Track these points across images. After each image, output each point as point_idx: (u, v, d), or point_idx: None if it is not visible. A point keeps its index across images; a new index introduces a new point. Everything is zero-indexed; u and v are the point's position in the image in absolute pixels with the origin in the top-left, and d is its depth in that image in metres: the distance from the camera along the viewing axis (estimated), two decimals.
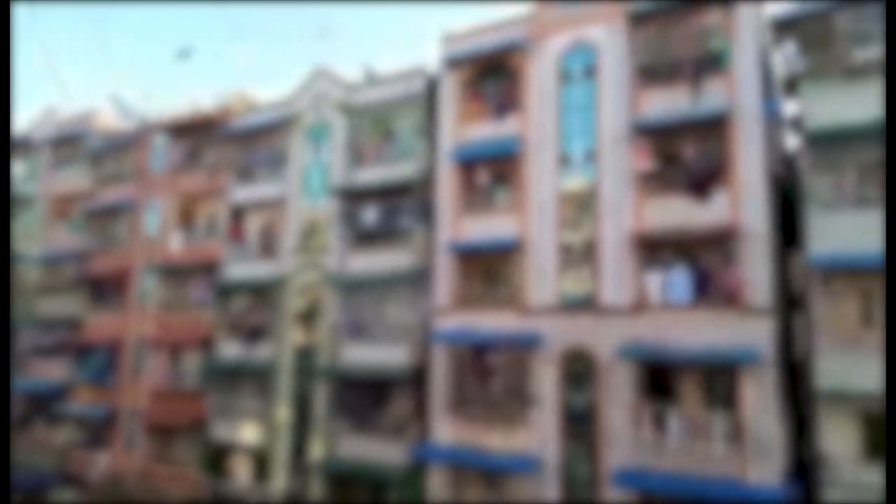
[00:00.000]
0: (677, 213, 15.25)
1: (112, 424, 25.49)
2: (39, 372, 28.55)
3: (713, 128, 15.31)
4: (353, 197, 20.49)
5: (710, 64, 15.54)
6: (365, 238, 20.19)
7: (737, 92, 15.14)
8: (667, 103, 15.83)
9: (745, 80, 15.13)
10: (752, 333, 14.01)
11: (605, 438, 15.30)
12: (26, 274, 30.48)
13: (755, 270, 14.27)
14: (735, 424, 13.94)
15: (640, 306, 15.41)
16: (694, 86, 15.53)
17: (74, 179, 29.97)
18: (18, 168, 33.66)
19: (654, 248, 15.65)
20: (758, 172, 14.62)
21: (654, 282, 15.41)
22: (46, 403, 27.75)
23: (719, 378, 14.51)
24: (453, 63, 19.08)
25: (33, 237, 30.72)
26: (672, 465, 14.32)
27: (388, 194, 19.84)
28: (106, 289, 27.37)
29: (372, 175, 20.27)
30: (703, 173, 14.92)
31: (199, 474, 22.21)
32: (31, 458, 27.38)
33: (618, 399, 15.26)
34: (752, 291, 14.21)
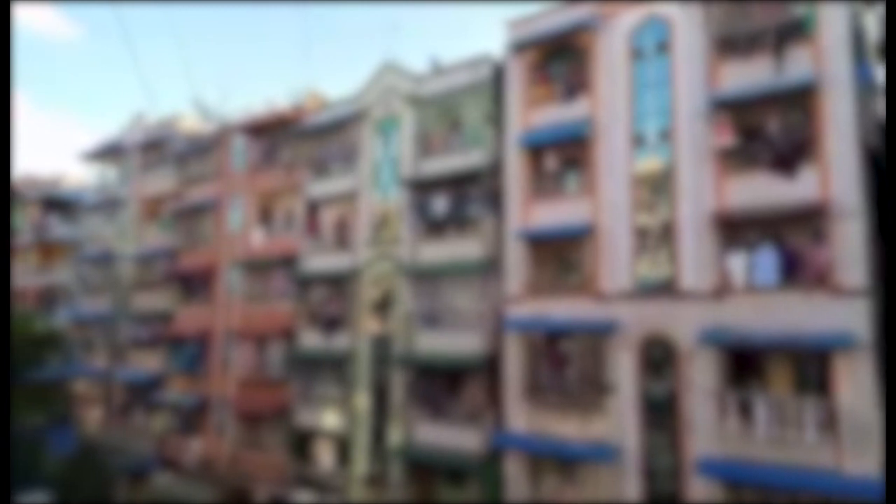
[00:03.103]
0: (761, 190, 14.48)
1: (204, 412, 26.96)
2: (137, 363, 30.57)
3: (799, 99, 14.42)
4: (422, 187, 20.67)
5: (793, 31, 14.62)
6: (435, 228, 20.34)
7: (824, 59, 14.18)
8: (747, 76, 15.03)
9: (834, 46, 14.13)
10: (847, 316, 13.15)
11: (687, 427, 14.81)
12: (122, 271, 32.65)
13: (848, 249, 13.37)
14: (829, 412, 13.16)
15: (722, 290, 14.78)
16: (776, 55, 14.66)
17: (162, 181, 31.76)
18: (111, 172, 36.04)
19: (736, 229, 14.96)
20: (849, 144, 13.67)
21: (738, 264, 14.73)
22: (144, 392, 29.69)
23: (811, 363, 13.74)
24: (519, 47, 18.83)
25: (127, 237, 32.82)
26: (760, 454, 13.70)
27: (457, 183, 19.88)
28: (194, 284, 28.90)
29: (440, 165, 20.36)
30: (788, 147, 14.11)
31: (285, 459, 23.17)
32: (132, 443, 29.41)
33: (700, 386, 14.72)
34: (845, 272, 13.33)
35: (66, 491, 27.74)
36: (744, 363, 14.63)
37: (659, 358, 15.61)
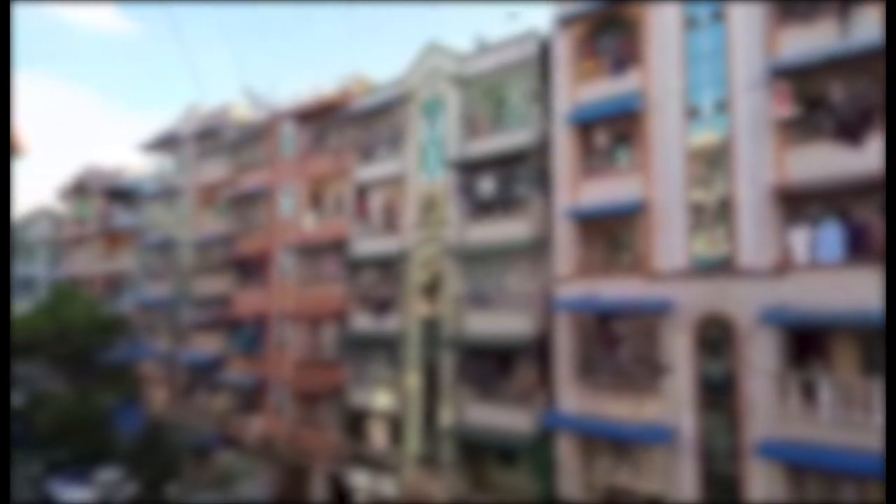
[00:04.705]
0: (825, 161, 13.76)
1: (262, 391, 27.83)
2: (198, 345, 31.74)
3: (865, 64, 13.56)
4: (469, 168, 20.53)
5: None
6: (483, 209, 20.20)
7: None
8: (809, 41, 14.22)
9: None
10: None
11: (746, 409, 14.36)
12: (182, 257, 33.83)
13: None
14: None
15: (783, 267, 14.18)
16: (841, 18, 13.81)
17: (216, 169, 32.62)
18: (169, 162, 37.25)
19: (798, 203, 14.29)
20: None
21: (800, 239, 14.10)
22: (206, 373, 30.85)
23: (878, 342, 13.07)
24: (566, 21, 18.35)
25: (186, 224, 33.94)
26: (825, 437, 13.18)
27: (504, 163, 19.65)
28: (250, 268, 29.72)
29: (487, 145, 20.15)
30: (855, 116, 13.33)
31: (341, 437, 23.72)
32: (196, 422, 30.65)
33: (760, 367, 14.23)
34: None
35: (135, 467, 29.19)
36: (806, 343, 14.06)
37: (716, 338, 15.16)
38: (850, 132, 13.42)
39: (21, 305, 45.65)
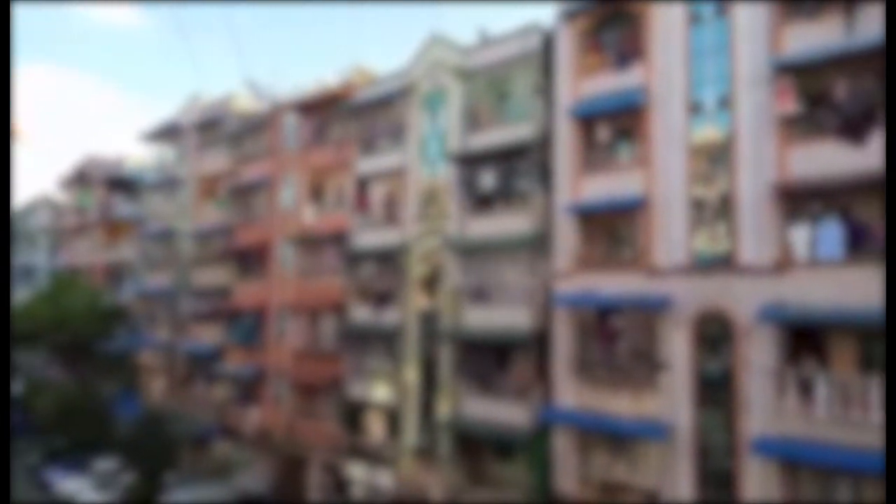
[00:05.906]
0: (827, 159, 13.71)
1: (261, 382, 27.86)
2: (198, 335, 31.77)
3: (870, 61, 13.47)
4: (470, 162, 20.47)
5: None
6: (483, 202, 20.17)
7: None
8: (813, 37, 14.14)
9: None
10: None
11: (743, 405, 14.36)
12: (182, 248, 33.82)
13: None
14: None
15: (784, 264, 14.16)
16: (847, 15, 13.73)
17: (217, 160, 32.57)
18: (170, 153, 37.20)
19: (799, 200, 14.24)
20: None
21: (801, 237, 14.06)
22: (205, 363, 30.89)
23: (877, 341, 13.05)
24: (570, 15, 18.27)
25: (186, 214, 33.91)
26: (821, 434, 13.18)
27: (506, 157, 19.59)
28: (250, 259, 29.71)
29: (488, 139, 20.10)
30: (858, 113, 13.26)
31: (338, 429, 23.75)
32: (194, 412, 30.71)
33: (758, 364, 14.22)
34: None
35: (133, 456, 29.24)
36: (804, 340, 14.04)
37: (715, 334, 15.14)
38: (853, 130, 13.36)
39: (21, 293, 45.76)
